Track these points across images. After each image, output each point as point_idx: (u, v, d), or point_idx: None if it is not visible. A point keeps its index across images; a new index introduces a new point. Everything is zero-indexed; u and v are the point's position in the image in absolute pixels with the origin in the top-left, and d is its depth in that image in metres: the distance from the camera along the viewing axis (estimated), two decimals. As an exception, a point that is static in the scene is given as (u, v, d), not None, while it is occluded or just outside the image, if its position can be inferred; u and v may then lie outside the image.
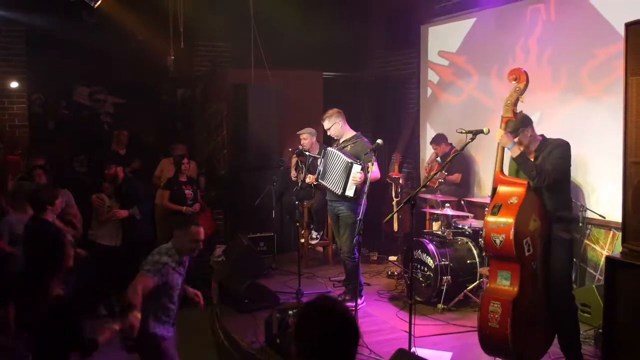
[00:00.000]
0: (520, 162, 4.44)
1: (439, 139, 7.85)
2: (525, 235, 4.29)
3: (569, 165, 4.47)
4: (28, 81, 8.57)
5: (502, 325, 4.28)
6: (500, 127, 4.52)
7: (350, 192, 5.92)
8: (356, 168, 5.85)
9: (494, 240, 4.32)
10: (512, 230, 4.21)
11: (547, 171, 4.33)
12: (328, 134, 6.33)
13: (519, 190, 4.36)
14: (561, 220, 4.44)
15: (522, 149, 4.47)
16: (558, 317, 4.49)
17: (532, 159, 4.49)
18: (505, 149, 4.51)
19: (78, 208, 6.37)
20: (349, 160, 5.89)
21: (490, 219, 4.36)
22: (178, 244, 4.40)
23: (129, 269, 6.61)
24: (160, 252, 4.34)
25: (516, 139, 4.47)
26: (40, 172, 6.33)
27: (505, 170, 4.70)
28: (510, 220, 4.24)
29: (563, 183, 4.47)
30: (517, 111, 4.52)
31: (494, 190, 4.52)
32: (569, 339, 4.52)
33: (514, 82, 4.54)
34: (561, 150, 4.41)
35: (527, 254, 4.30)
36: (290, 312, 5.00)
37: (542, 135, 4.57)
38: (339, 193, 5.98)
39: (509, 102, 4.50)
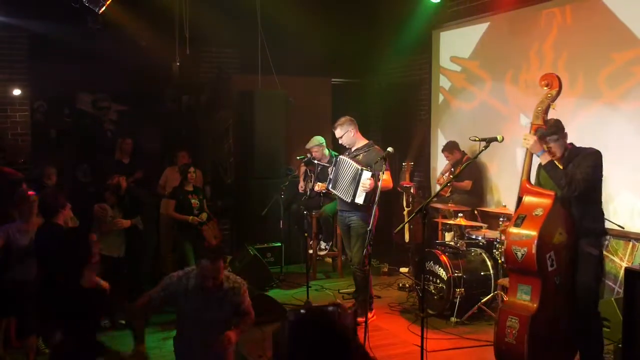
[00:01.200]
0: (549, 170, 4.28)
1: (451, 146, 7.76)
2: (548, 250, 4.14)
3: (601, 175, 4.31)
4: (30, 88, 8.46)
5: (519, 341, 4.18)
6: (530, 133, 4.36)
7: (359, 200, 5.84)
8: (366, 174, 5.77)
9: (515, 253, 4.17)
10: (535, 243, 4.07)
11: (578, 180, 4.15)
12: (340, 142, 6.24)
13: (546, 201, 4.20)
14: (589, 233, 4.27)
15: (552, 156, 4.31)
16: (580, 332, 4.33)
17: (561, 168, 4.31)
18: (534, 156, 4.35)
19: (79, 218, 6.22)
20: (359, 167, 5.83)
21: (513, 230, 4.23)
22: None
23: (132, 280, 6.55)
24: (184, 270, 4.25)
25: (551, 144, 4.29)
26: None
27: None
28: (534, 233, 4.09)
29: (593, 193, 4.31)
30: (547, 118, 4.36)
31: (519, 199, 4.36)
32: (591, 357, 4.34)
33: (545, 88, 4.39)
34: (593, 159, 4.26)
35: (550, 269, 4.15)
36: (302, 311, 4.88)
37: (571, 144, 4.41)
38: (349, 201, 5.90)
39: (539, 108, 4.35)
